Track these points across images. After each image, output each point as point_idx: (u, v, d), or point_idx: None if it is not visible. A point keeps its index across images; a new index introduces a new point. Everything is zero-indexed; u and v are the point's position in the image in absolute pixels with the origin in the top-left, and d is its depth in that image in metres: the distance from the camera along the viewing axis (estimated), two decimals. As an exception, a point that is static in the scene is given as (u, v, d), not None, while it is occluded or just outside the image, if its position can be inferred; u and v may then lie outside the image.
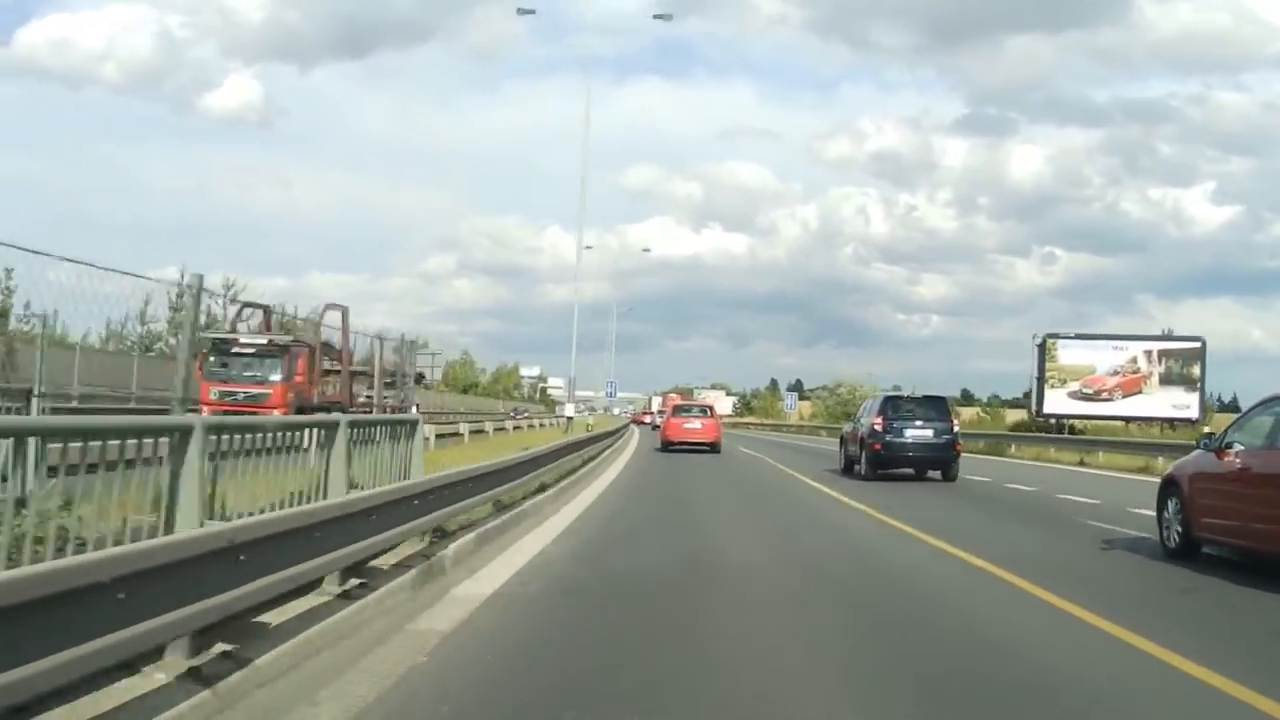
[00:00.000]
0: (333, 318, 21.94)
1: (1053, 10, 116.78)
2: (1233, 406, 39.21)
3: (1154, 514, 8.85)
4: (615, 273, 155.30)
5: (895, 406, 18.04)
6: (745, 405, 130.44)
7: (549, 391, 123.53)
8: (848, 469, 18.98)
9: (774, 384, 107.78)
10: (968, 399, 68.94)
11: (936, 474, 17.93)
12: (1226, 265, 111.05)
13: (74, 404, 14.57)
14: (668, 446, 28.63)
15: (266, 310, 22.85)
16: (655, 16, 34.98)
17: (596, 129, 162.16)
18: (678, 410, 32.63)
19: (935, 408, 18.29)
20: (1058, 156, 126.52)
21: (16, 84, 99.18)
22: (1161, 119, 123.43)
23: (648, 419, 64.70)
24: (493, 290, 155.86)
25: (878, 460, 17.55)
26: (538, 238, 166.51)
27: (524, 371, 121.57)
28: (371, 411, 18.31)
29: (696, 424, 29.81)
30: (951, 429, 17.69)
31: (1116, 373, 38.33)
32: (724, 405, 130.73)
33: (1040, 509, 12.87)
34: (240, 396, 18.96)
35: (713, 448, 27.58)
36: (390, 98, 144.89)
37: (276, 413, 15.20)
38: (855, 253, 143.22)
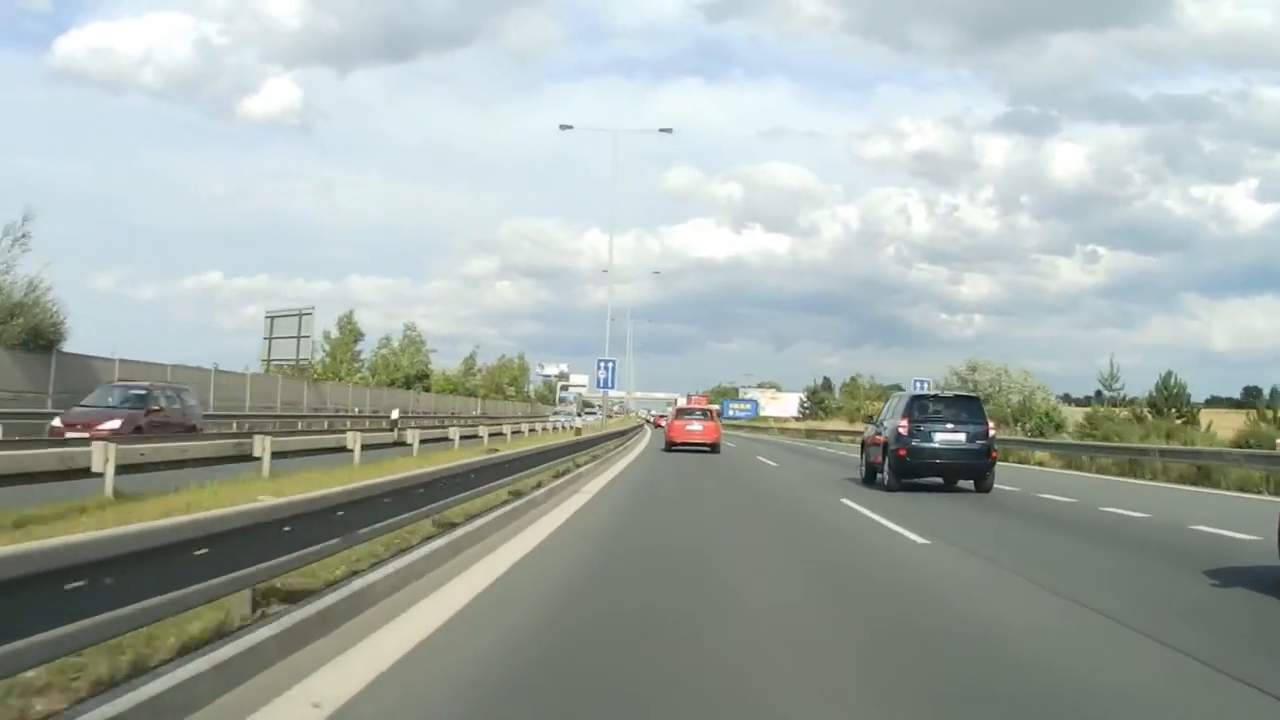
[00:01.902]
0: None
1: (1094, 8, 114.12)
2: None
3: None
4: (658, 273, 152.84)
5: (923, 407, 17.12)
6: (817, 404, 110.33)
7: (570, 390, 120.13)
8: (869, 478, 18.35)
9: (827, 382, 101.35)
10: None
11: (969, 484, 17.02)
12: (1270, 262, 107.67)
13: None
14: (671, 446, 32.99)
15: None
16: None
17: (635, 130, 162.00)
18: (681, 413, 36.82)
19: (968, 409, 17.35)
20: (1099, 154, 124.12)
21: (58, 90, 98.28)
22: (1203, 116, 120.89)
23: (663, 422, 60.53)
24: (534, 293, 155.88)
25: (903, 468, 16.61)
26: (577, 240, 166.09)
27: (548, 370, 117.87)
28: None
29: (698, 426, 33.94)
30: (986, 433, 16.81)
31: None
32: (786, 405, 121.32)
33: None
34: None
35: (713, 448, 32.28)
36: (430, 101, 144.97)
37: None
38: (897, 253, 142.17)
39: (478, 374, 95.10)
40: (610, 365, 41.02)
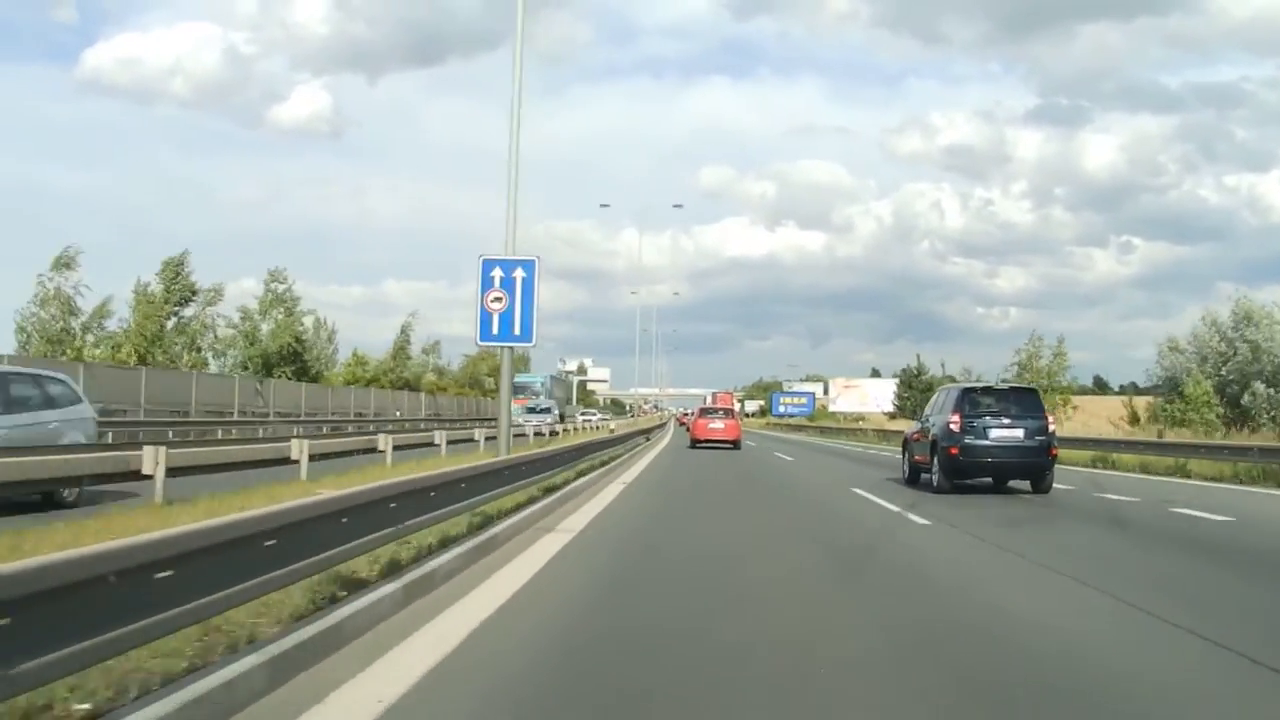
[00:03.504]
0: None
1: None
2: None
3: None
4: (693, 273, 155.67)
5: (975, 402, 16.50)
6: (923, 394, 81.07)
7: (589, 386, 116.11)
8: (913, 478, 18.01)
9: (875, 372, 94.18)
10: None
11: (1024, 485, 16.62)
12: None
13: None
14: (695, 444, 35.51)
15: None
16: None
17: (665, 131, 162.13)
18: (704, 413, 39.98)
19: (1025, 402, 16.69)
20: (1132, 144, 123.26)
21: (89, 101, 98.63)
22: (1235, 103, 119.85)
23: (686, 420, 58.85)
24: (569, 295, 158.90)
25: (955, 468, 16.16)
26: (612, 240, 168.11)
27: (569, 365, 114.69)
28: None
29: (720, 424, 36.15)
30: (1046, 428, 16.19)
31: None
32: (868, 396, 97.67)
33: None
34: None
35: (734, 445, 35.33)
36: (460, 104, 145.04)
37: None
38: (931, 247, 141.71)
39: (409, 359, 68.90)
40: (518, 280, 14.90)
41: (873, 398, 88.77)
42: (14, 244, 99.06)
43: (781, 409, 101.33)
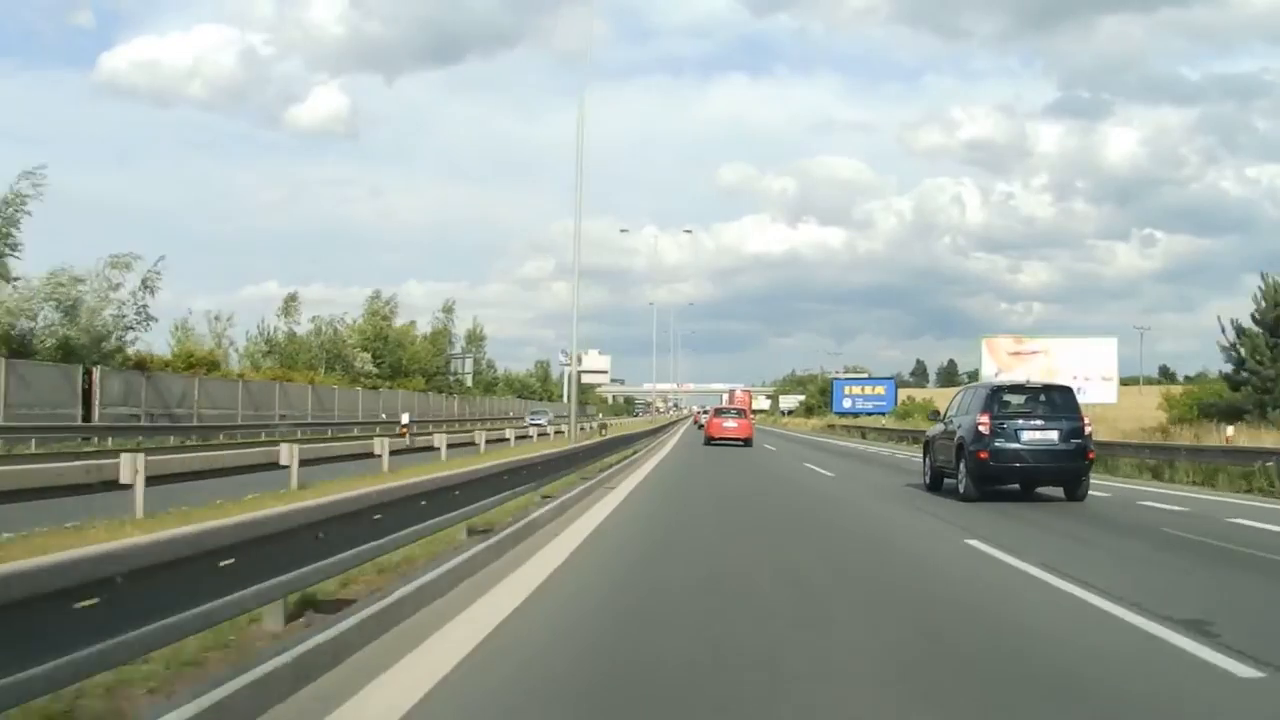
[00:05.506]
0: None
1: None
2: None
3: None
4: (714, 271, 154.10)
5: (1005, 401, 15.78)
6: (1271, 327, 33.48)
7: (586, 379, 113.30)
8: (935, 484, 17.15)
9: (921, 366, 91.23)
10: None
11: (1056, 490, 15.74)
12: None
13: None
14: (710, 441, 38.88)
15: None
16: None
17: (688, 129, 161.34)
18: (719, 412, 44.83)
19: (1059, 402, 15.67)
20: (1153, 137, 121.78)
21: (106, 104, 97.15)
22: (1257, 94, 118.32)
23: (701, 418, 69.39)
24: (591, 293, 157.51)
25: (985, 474, 15.10)
26: (633, 238, 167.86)
27: (559, 359, 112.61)
28: None
29: (733, 423, 39.56)
30: (1082, 430, 15.19)
31: None
32: (1096, 361, 47.83)
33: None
34: None
35: (746, 442, 38.29)
36: (478, 103, 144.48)
37: None
38: (954, 243, 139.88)
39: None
40: None
41: (1080, 368, 42.26)
42: (29, 248, 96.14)
43: (847, 403, 77.17)
